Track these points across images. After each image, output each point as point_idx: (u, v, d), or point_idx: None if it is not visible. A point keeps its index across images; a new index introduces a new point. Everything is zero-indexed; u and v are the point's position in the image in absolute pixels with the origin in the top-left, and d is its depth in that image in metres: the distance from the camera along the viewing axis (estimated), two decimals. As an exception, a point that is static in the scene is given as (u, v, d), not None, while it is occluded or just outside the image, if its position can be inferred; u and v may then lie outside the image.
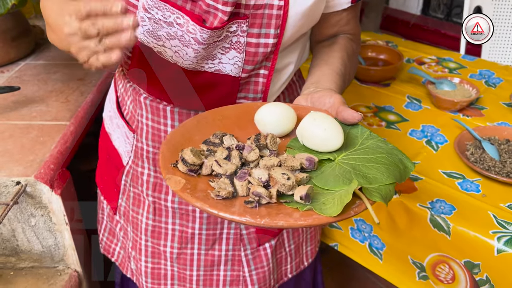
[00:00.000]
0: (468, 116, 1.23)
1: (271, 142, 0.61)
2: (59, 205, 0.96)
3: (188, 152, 0.57)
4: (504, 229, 0.88)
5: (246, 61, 0.73)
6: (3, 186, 0.93)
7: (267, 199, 0.53)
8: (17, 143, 1.02)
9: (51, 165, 0.96)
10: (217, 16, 0.67)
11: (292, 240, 1.01)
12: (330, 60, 0.79)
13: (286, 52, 0.80)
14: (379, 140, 0.63)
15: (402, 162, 0.60)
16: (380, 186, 0.55)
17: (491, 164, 1.00)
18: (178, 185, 0.55)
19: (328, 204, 0.52)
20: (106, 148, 0.96)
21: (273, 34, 0.71)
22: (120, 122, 0.88)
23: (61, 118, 1.12)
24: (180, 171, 0.57)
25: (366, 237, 1.06)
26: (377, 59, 1.48)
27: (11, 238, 1.01)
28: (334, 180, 0.56)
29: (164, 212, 0.89)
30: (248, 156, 0.59)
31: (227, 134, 0.63)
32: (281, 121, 0.65)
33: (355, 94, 1.34)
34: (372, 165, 0.58)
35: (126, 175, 0.91)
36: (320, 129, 0.60)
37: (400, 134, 1.17)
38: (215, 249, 0.92)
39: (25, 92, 1.22)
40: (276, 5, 0.69)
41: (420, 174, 1.02)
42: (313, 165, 0.58)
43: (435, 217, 0.92)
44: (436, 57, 1.56)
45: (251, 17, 0.69)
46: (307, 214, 0.52)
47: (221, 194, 0.54)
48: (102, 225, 1.05)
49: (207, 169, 0.58)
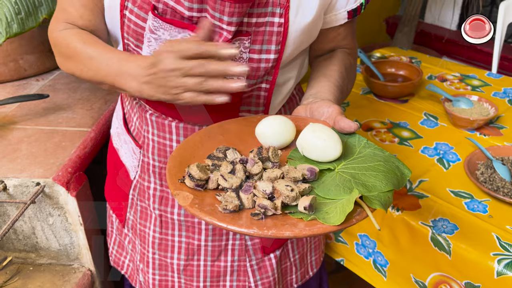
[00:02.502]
0: (486, 135, 1.21)
1: (273, 155, 0.64)
2: (75, 206, 1.02)
3: (195, 168, 0.60)
4: (506, 251, 0.86)
5: (248, 76, 0.76)
6: (24, 186, 1.00)
7: (272, 210, 0.56)
8: (41, 146, 1.10)
9: (69, 168, 1.03)
10: (222, 35, 0.71)
11: (297, 250, 1.02)
12: (328, 73, 0.81)
13: (287, 67, 0.83)
14: (376, 149, 0.65)
15: (399, 169, 0.62)
16: (379, 193, 0.57)
17: (500, 185, 0.98)
18: (187, 201, 0.58)
19: (331, 213, 0.54)
20: (114, 163, 1.00)
21: (274, 50, 0.74)
22: (127, 138, 0.92)
23: (84, 125, 1.19)
24: (188, 186, 0.60)
25: (370, 253, 1.06)
26: (396, 75, 1.47)
27: (31, 235, 1.08)
28: (335, 189, 0.59)
29: (170, 225, 0.92)
30: (252, 169, 0.62)
31: (230, 148, 0.66)
32: (281, 134, 0.68)
33: (371, 110, 1.35)
34: (371, 173, 0.60)
35: (134, 189, 0.95)
36: (320, 140, 0.63)
37: (412, 150, 1.16)
38: (221, 260, 0.95)
39: (55, 100, 1.31)
40: (276, 22, 0.73)
41: (427, 192, 1.02)
42: (314, 175, 0.61)
43: (436, 235, 0.91)
44: (459, 74, 1.53)
45: (253, 34, 0.73)
46: (312, 223, 0.54)
47: (228, 207, 0.56)
48: (112, 238, 1.08)
49: (213, 184, 0.61)
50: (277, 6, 0.72)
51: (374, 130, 1.25)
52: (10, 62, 1.39)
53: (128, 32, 0.74)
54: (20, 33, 1.12)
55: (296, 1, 0.73)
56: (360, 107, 1.36)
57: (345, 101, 1.39)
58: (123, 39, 0.77)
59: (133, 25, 0.73)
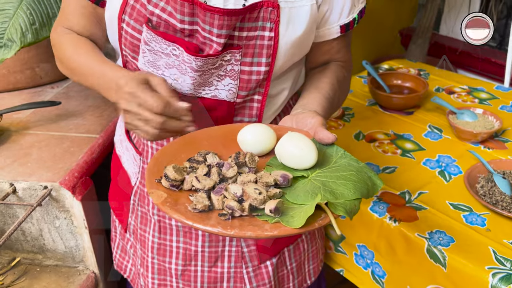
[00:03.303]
0: (490, 148, 1.20)
1: (249, 160, 0.66)
2: (80, 209, 1.06)
3: (171, 169, 0.63)
4: (501, 265, 0.85)
5: (240, 87, 0.79)
6: (32, 189, 1.04)
7: (239, 212, 0.58)
8: (51, 152, 1.14)
9: (76, 173, 1.07)
10: (212, 46, 0.74)
11: (294, 259, 1.03)
12: (320, 85, 0.83)
13: (280, 79, 0.85)
14: (351, 159, 0.67)
15: (370, 179, 0.65)
16: (346, 201, 0.60)
17: (499, 198, 0.98)
18: (160, 199, 0.60)
19: (295, 217, 0.57)
20: (117, 170, 1.03)
21: (264, 63, 0.77)
22: (128, 145, 0.96)
23: (92, 131, 1.23)
24: (163, 186, 0.63)
25: (368, 264, 1.06)
26: (402, 87, 1.48)
27: (39, 237, 1.12)
28: (304, 195, 0.61)
29: (168, 230, 0.95)
30: (226, 172, 0.64)
31: (210, 152, 0.69)
32: (262, 141, 0.70)
33: (376, 121, 1.35)
34: (341, 182, 0.63)
35: (134, 195, 0.98)
36: (296, 148, 0.65)
37: (414, 162, 1.17)
38: (218, 266, 0.97)
39: (67, 107, 1.36)
40: (267, 36, 0.75)
41: (425, 204, 1.02)
42: (287, 182, 0.63)
43: (432, 248, 0.91)
44: (467, 87, 1.53)
45: (244, 47, 0.75)
46: (275, 226, 0.57)
47: (198, 207, 0.59)
48: (115, 242, 1.11)
49: (188, 185, 0.63)
50: (267, 21, 0.74)
51: (377, 141, 1.26)
52: (27, 70, 1.45)
53: (125, 44, 0.78)
54: (34, 42, 1.17)
55: (286, 15, 0.75)
56: (365, 118, 1.37)
57: (350, 112, 1.40)
58: (121, 51, 0.80)
59: (130, 37, 0.76)
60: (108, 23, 0.81)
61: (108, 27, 0.82)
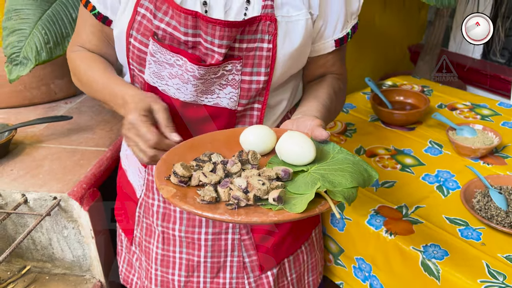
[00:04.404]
0: (489, 164, 1.21)
1: (252, 158, 0.71)
2: (87, 220, 1.10)
3: (179, 166, 0.67)
4: (494, 279, 0.87)
5: (241, 96, 0.84)
6: (43, 200, 1.09)
7: (245, 201, 0.63)
8: (61, 164, 1.20)
9: (84, 184, 1.12)
10: (214, 57, 0.79)
11: (294, 269, 1.06)
12: (318, 94, 0.88)
13: (278, 90, 0.90)
14: (348, 154, 0.72)
15: (366, 171, 0.69)
16: (344, 189, 0.64)
17: (494, 213, 0.99)
18: (169, 193, 0.65)
19: (297, 204, 0.61)
20: (122, 183, 1.07)
21: (263, 72, 0.82)
22: (134, 159, 0.99)
23: (102, 145, 1.28)
24: (172, 182, 0.68)
25: (367, 277, 1.08)
26: (405, 103, 1.50)
27: (48, 246, 1.16)
28: (304, 186, 0.65)
29: (172, 241, 0.98)
30: (231, 168, 0.69)
31: (215, 153, 0.74)
32: (263, 141, 0.75)
33: (377, 137, 1.38)
34: (339, 173, 0.67)
35: (140, 207, 1.02)
36: (296, 146, 0.69)
37: (413, 177, 1.19)
38: (220, 277, 1.00)
39: (79, 121, 1.42)
40: (265, 47, 0.80)
41: (421, 217, 1.04)
42: (288, 176, 0.68)
43: (426, 260, 0.93)
44: (470, 103, 1.55)
45: (244, 58, 0.81)
46: (279, 212, 0.61)
47: (206, 198, 0.64)
48: (121, 256, 1.14)
49: (195, 181, 0.68)
50: (266, 33, 0.79)
51: (377, 156, 1.28)
52: (42, 86, 1.51)
53: (132, 58, 0.83)
54: (48, 60, 1.23)
55: (284, 29, 0.80)
56: (367, 133, 1.40)
57: (352, 128, 1.43)
58: (129, 65, 0.86)
59: (137, 51, 0.82)
60: (116, 40, 0.87)
61: (116, 43, 0.87)
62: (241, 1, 0.79)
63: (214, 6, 0.78)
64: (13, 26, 1.22)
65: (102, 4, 0.85)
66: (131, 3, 0.80)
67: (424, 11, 2.92)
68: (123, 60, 0.89)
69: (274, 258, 1.01)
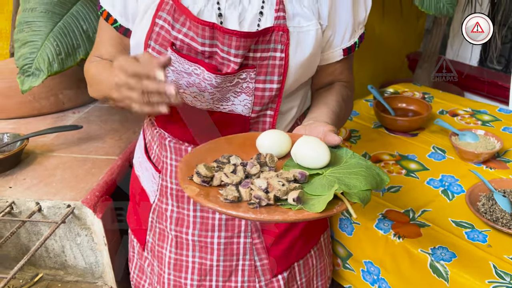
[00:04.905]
0: (492, 168, 1.24)
1: (269, 160, 0.75)
2: (100, 227, 1.12)
3: (202, 167, 0.71)
4: (501, 279, 0.89)
5: (255, 103, 0.87)
6: (56, 208, 1.11)
7: (266, 200, 0.66)
8: (73, 172, 1.22)
9: (97, 192, 1.14)
10: (230, 66, 0.82)
11: (303, 274, 1.08)
12: (327, 101, 0.92)
13: (289, 97, 0.94)
14: (360, 159, 0.75)
15: (379, 175, 0.73)
16: (359, 191, 0.68)
17: (499, 216, 1.02)
18: (193, 192, 0.68)
19: (315, 204, 0.65)
20: (136, 190, 1.09)
21: (276, 80, 0.85)
22: (148, 165, 1.02)
23: (112, 153, 1.31)
24: (195, 182, 0.71)
25: (375, 280, 1.10)
26: (407, 110, 1.53)
27: (61, 253, 1.18)
28: (321, 188, 0.69)
29: (185, 245, 1.00)
30: (250, 170, 0.73)
31: (233, 155, 0.77)
32: (278, 145, 0.78)
33: (381, 143, 1.41)
34: (353, 176, 0.71)
35: (153, 213, 1.04)
36: (311, 150, 0.73)
37: (418, 182, 1.21)
38: (232, 280, 1.02)
39: (88, 130, 1.44)
40: (278, 57, 0.84)
41: (428, 221, 1.06)
42: (305, 178, 0.71)
43: (434, 262, 0.95)
44: (471, 109, 1.58)
45: (258, 67, 0.84)
46: (299, 212, 0.65)
47: (229, 197, 0.67)
48: (133, 262, 1.15)
49: (217, 181, 0.71)
50: (278, 43, 0.83)
51: (382, 162, 1.31)
52: (51, 96, 1.54)
53: None
54: (60, 71, 1.26)
55: (295, 39, 0.84)
56: (371, 140, 1.43)
57: (356, 134, 1.46)
58: None
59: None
60: (133, 50, 0.90)
61: (132, 52, 0.90)
62: (254, 12, 0.82)
63: (229, 18, 0.81)
64: (25, 38, 1.25)
65: (124, 17, 0.88)
66: (149, 14, 0.83)
67: (422, 20, 2.97)
68: None
69: (284, 262, 1.03)
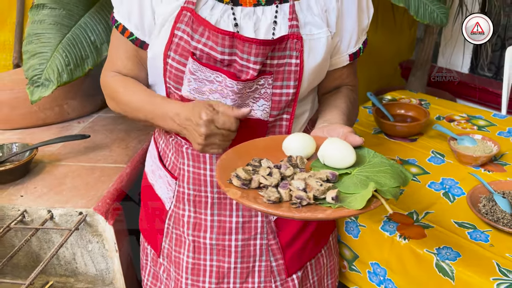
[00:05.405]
0: (490, 171, 1.29)
1: (300, 162, 0.79)
2: (111, 233, 1.14)
3: (241, 170, 0.75)
4: (505, 276, 0.93)
5: (272, 107, 0.91)
6: (68, 215, 1.13)
7: (307, 200, 0.71)
8: (83, 181, 1.24)
9: (108, 199, 1.16)
10: (249, 73, 0.86)
11: (315, 272, 1.11)
12: (337, 104, 0.97)
13: (302, 101, 0.98)
14: (382, 157, 0.80)
15: (402, 172, 0.79)
16: (390, 188, 0.72)
17: (500, 216, 1.06)
18: (236, 195, 0.73)
19: (353, 202, 0.70)
20: (149, 198, 1.11)
21: (292, 85, 0.90)
22: (162, 173, 1.04)
23: (120, 161, 1.33)
24: (234, 185, 0.75)
25: (382, 281, 1.14)
26: (405, 116, 1.58)
27: (71, 261, 1.20)
28: (354, 186, 0.74)
29: (202, 249, 1.02)
30: (285, 172, 0.77)
31: (264, 158, 0.81)
32: (304, 147, 0.82)
33: (382, 148, 1.45)
34: (381, 174, 0.76)
35: (169, 219, 1.05)
36: (337, 151, 0.77)
37: (419, 185, 1.25)
38: (249, 282, 1.04)
39: (95, 139, 1.46)
40: (293, 63, 0.88)
41: (432, 222, 1.10)
42: (335, 178, 0.76)
43: (440, 262, 0.99)
44: (466, 115, 1.63)
45: (275, 73, 0.88)
46: (339, 209, 0.69)
47: (271, 198, 0.71)
48: (146, 270, 1.17)
49: (255, 183, 0.75)
50: (294, 50, 0.87)
51: (384, 166, 1.35)
52: (56, 107, 1.56)
53: (169, 77, 0.89)
54: (68, 82, 1.28)
55: (308, 46, 0.89)
56: (372, 145, 1.46)
57: (357, 140, 1.50)
58: (165, 83, 0.92)
59: (174, 70, 0.88)
60: (150, 61, 0.92)
61: (150, 64, 0.93)
62: (268, 22, 0.86)
63: (244, 27, 0.85)
64: (34, 50, 1.28)
65: (140, 30, 0.91)
66: (167, 27, 0.87)
67: (414, 29, 3.05)
68: (156, 80, 0.94)
69: (298, 262, 1.06)
